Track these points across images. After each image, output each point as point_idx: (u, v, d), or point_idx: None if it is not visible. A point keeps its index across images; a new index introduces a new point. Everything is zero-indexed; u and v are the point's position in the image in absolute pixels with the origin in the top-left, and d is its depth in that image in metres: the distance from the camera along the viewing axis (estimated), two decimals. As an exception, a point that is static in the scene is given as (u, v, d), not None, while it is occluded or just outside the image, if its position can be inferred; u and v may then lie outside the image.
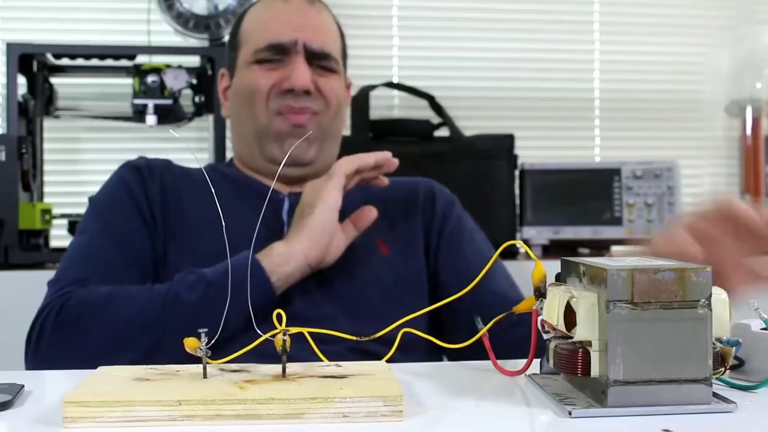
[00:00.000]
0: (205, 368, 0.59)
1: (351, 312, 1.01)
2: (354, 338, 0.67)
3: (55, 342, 0.93)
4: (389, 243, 1.09)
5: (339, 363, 0.64)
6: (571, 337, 0.55)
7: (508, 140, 1.70)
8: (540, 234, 1.68)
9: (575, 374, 0.55)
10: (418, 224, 1.13)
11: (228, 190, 1.10)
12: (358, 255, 1.05)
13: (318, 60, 1.11)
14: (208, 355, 0.59)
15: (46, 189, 1.70)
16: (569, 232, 1.68)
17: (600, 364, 0.54)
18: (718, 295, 0.55)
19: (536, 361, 0.66)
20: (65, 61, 1.69)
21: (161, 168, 1.12)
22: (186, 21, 1.65)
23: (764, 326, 0.63)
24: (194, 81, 1.66)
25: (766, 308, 0.62)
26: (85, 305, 0.94)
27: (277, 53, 1.11)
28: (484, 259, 1.07)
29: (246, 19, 1.17)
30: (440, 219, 1.13)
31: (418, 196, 1.15)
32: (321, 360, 0.65)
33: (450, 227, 1.13)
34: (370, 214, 1.03)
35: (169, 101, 1.60)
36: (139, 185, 1.08)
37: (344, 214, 1.04)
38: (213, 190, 0.70)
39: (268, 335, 0.59)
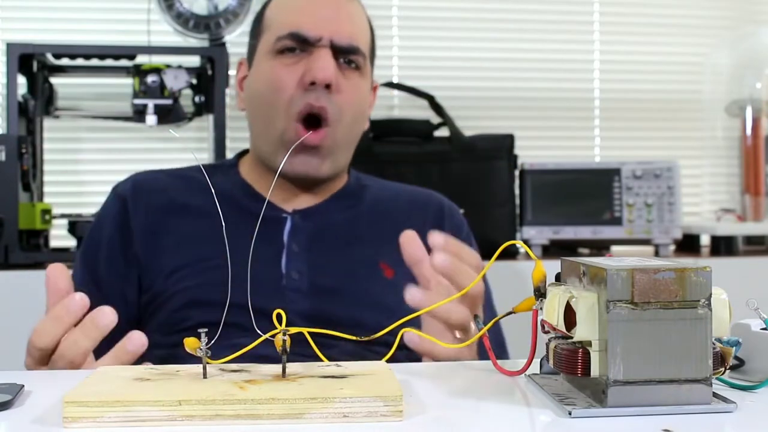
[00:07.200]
0: (205, 368, 0.59)
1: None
2: (354, 338, 0.67)
3: None
4: (395, 265, 1.01)
5: (339, 363, 0.64)
6: (571, 337, 0.55)
7: (508, 140, 1.70)
8: (540, 234, 1.68)
9: (575, 374, 0.55)
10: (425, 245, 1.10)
11: (225, 205, 1.08)
12: (359, 280, 1.02)
13: (345, 55, 1.06)
14: (208, 355, 0.59)
15: (46, 189, 1.70)
16: (569, 232, 1.68)
17: (600, 364, 0.54)
18: (718, 295, 0.55)
19: (536, 361, 0.66)
20: (65, 61, 1.69)
21: (150, 193, 1.09)
22: (186, 21, 1.65)
23: (764, 326, 0.63)
24: (194, 81, 1.66)
25: (766, 308, 0.62)
26: None
27: (300, 43, 1.05)
28: None
29: (271, 5, 1.12)
30: None
31: (428, 215, 1.11)
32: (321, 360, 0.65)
33: None
34: None
35: (169, 101, 1.60)
36: (122, 224, 1.07)
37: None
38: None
39: (267, 335, 0.59)
